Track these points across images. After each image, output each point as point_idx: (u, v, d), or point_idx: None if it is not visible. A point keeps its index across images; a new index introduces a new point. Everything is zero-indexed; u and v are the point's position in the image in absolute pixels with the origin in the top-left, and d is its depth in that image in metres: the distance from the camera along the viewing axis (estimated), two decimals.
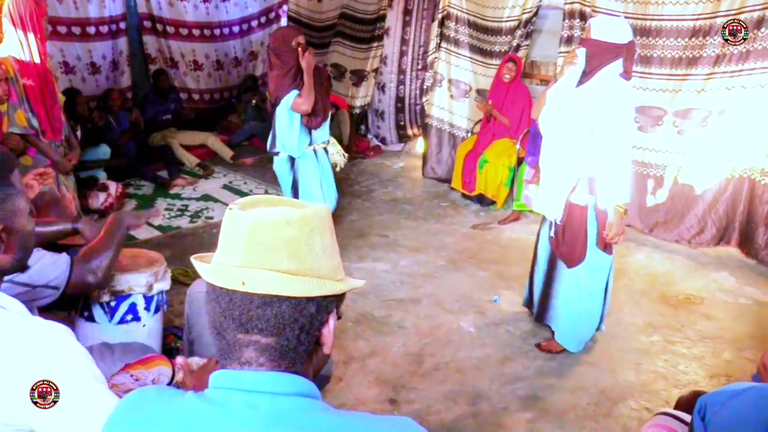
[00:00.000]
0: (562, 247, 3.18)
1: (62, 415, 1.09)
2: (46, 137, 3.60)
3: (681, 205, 4.65)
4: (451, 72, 6.13)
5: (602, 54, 2.82)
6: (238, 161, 6.75)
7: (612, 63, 2.82)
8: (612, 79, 2.83)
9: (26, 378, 1.06)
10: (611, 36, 2.82)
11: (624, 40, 2.82)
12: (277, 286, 0.88)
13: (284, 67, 3.78)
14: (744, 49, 4.14)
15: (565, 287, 3.22)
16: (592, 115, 2.85)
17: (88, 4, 6.49)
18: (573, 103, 2.91)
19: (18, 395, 1.06)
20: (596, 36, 2.85)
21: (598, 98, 2.84)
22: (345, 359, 3.20)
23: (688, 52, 4.38)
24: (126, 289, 2.26)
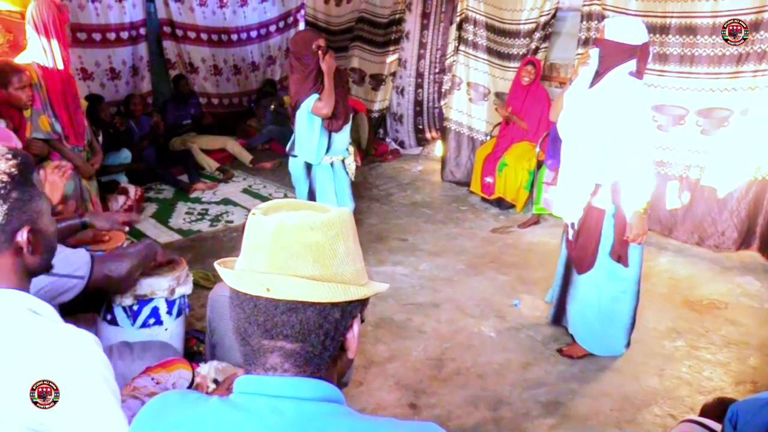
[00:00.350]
0: (574, 252, 3.16)
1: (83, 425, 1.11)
2: (69, 142, 3.65)
3: (702, 207, 4.57)
4: (470, 75, 6.11)
5: (616, 54, 2.79)
6: (257, 165, 6.79)
7: (625, 63, 2.79)
8: (623, 78, 2.80)
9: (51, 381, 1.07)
10: (625, 36, 2.79)
11: (638, 41, 2.78)
12: (303, 292, 0.87)
13: (304, 71, 3.78)
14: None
15: (583, 292, 3.19)
16: (603, 115, 2.82)
17: (109, 11, 6.57)
18: (586, 104, 2.89)
19: None
20: (610, 36, 2.82)
21: (608, 98, 2.80)
22: (365, 363, 3.19)
23: (710, 50, 4.32)
24: (148, 293, 2.27)
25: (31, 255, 1.21)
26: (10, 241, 1.17)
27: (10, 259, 1.18)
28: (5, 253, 1.17)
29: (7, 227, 1.15)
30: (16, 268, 1.19)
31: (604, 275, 3.08)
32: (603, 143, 2.86)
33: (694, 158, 4.53)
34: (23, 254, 1.19)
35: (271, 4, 8.06)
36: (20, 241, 1.17)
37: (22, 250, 1.19)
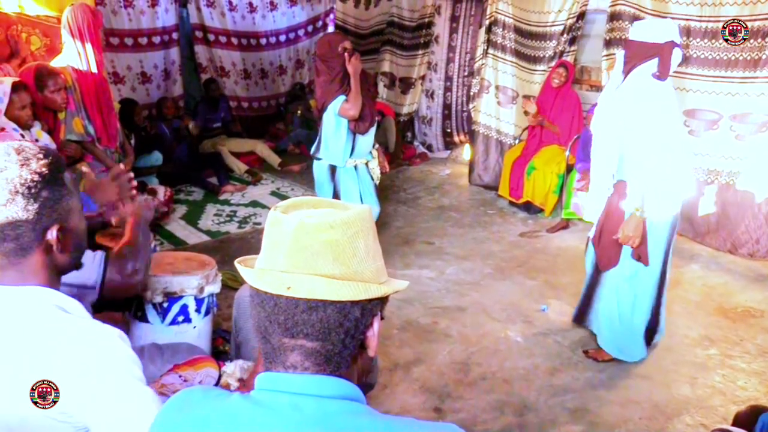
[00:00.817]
0: (598, 249, 3.15)
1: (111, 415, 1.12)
2: (102, 144, 3.72)
3: (735, 214, 4.45)
4: (499, 78, 6.07)
5: (638, 54, 2.80)
6: (285, 168, 6.84)
7: (646, 63, 2.76)
8: (643, 78, 2.78)
9: (80, 378, 1.09)
10: (647, 36, 2.79)
11: (661, 40, 2.75)
12: (323, 291, 0.87)
13: (331, 73, 3.79)
14: None
15: (606, 291, 3.17)
16: (625, 115, 2.82)
17: (142, 16, 6.69)
18: (612, 104, 2.91)
19: (74, 394, 1.09)
20: (633, 36, 2.85)
21: (628, 98, 2.81)
22: (390, 366, 3.18)
23: (746, 54, 4.22)
24: (178, 291, 2.30)
25: (61, 253, 1.23)
26: (40, 239, 1.19)
27: (40, 257, 1.20)
28: (35, 251, 1.19)
29: (38, 225, 1.17)
30: (46, 266, 1.22)
31: (626, 275, 3.06)
32: (624, 143, 2.86)
33: (727, 164, 4.43)
34: (53, 252, 1.21)
35: (300, 9, 8.12)
36: (50, 240, 1.19)
37: (52, 248, 1.21)
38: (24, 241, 1.17)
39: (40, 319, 1.14)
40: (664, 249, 3.02)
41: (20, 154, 1.17)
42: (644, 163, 2.77)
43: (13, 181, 1.13)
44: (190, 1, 7.17)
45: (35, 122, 3.22)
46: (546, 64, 5.59)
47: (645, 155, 2.76)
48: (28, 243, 1.18)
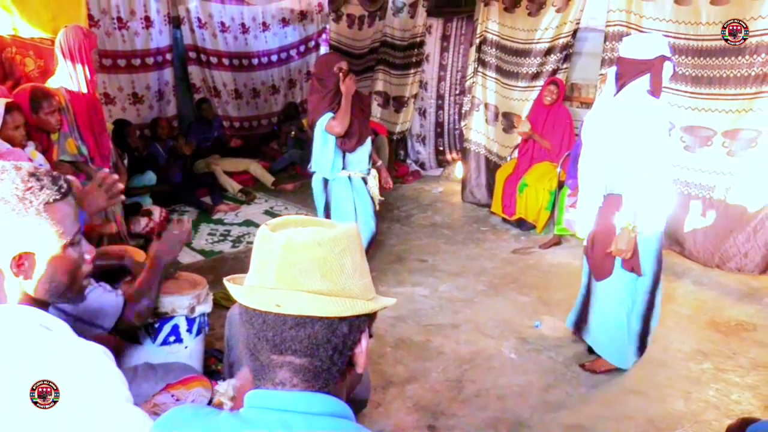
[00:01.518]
0: (591, 259, 3.18)
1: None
2: (95, 164, 3.72)
3: (727, 229, 4.49)
4: (487, 96, 6.14)
5: (628, 70, 2.84)
6: (279, 187, 6.86)
7: (637, 79, 2.81)
8: (638, 96, 2.82)
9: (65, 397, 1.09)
10: (636, 52, 2.83)
11: (651, 55, 2.80)
12: (311, 307, 0.88)
13: (324, 91, 3.85)
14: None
15: (601, 302, 3.19)
16: (617, 131, 2.85)
17: (135, 38, 6.73)
18: (602, 119, 2.95)
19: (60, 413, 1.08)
20: (623, 53, 2.90)
21: (623, 114, 2.84)
22: (383, 384, 3.17)
23: (736, 71, 4.28)
24: (169, 311, 2.30)
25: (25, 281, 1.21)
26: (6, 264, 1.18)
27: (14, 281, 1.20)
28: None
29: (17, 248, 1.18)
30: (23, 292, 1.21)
31: (622, 286, 3.09)
32: (614, 157, 2.90)
33: (719, 179, 4.47)
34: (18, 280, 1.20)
35: (293, 29, 8.18)
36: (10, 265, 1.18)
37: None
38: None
39: (24, 338, 1.14)
40: (656, 257, 3.05)
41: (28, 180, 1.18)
42: (639, 178, 2.79)
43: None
44: (184, 22, 7.23)
45: (29, 142, 3.23)
46: (530, 81, 5.66)
47: (639, 169, 2.79)
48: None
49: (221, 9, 7.49)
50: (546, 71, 5.56)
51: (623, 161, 2.85)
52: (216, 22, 7.46)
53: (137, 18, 6.70)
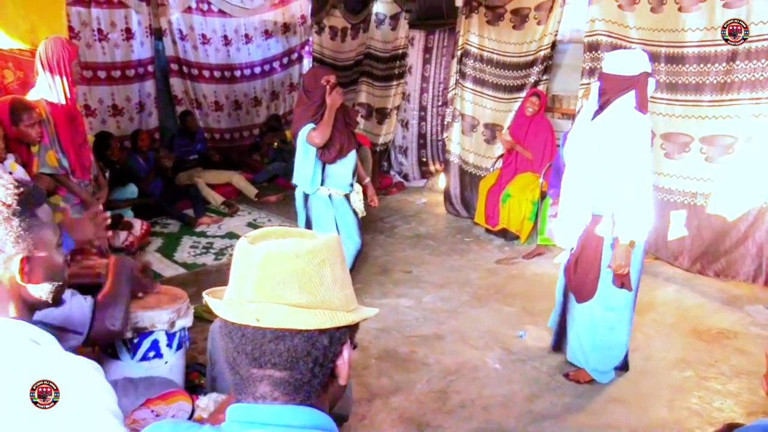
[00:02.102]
0: (573, 279, 3.16)
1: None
2: (76, 177, 3.69)
3: (709, 236, 4.55)
4: (465, 107, 6.19)
5: (613, 87, 2.85)
6: (262, 199, 6.83)
7: (623, 95, 2.82)
8: (626, 112, 2.83)
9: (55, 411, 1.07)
10: (621, 68, 2.85)
11: (635, 72, 2.82)
12: (290, 320, 0.87)
13: (309, 102, 3.85)
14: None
15: (580, 321, 3.19)
16: (605, 147, 2.85)
17: (116, 50, 6.70)
18: (588, 136, 2.95)
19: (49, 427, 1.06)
20: (607, 69, 2.91)
21: (610, 131, 2.84)
22: (368, 396, 3.15)
23: (713, 78, 4.35)
24: (148, 326, 2.26)
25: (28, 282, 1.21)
26: None
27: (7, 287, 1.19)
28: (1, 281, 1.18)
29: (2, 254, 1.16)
30: (15, 298, 1.20)
31: (599, 304, 3.09)
32: (603, 174, 2.89)
33: (699, 186, 4.53)
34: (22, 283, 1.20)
35: (276, 41, 8.20)
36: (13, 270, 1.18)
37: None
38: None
39: (13, 353, 1.12)
40: (639, 271, 3.07)
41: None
42: (630, 194, 2.79)
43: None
44: (166, 34, 7.21)
45: (9, 155, 3.19)
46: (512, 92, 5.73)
47: (630, 185, 2.79)
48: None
49: (203, 21, 7.48)
50: (528, 83, 5.62)
51: (613, 178, 2.84)
52: (198, 34, 7.46)
53: (118, 30, 6.68)
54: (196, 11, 7.39)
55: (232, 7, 7.63)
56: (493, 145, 6.00)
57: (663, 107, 4.62)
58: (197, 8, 7.39)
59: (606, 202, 2.93)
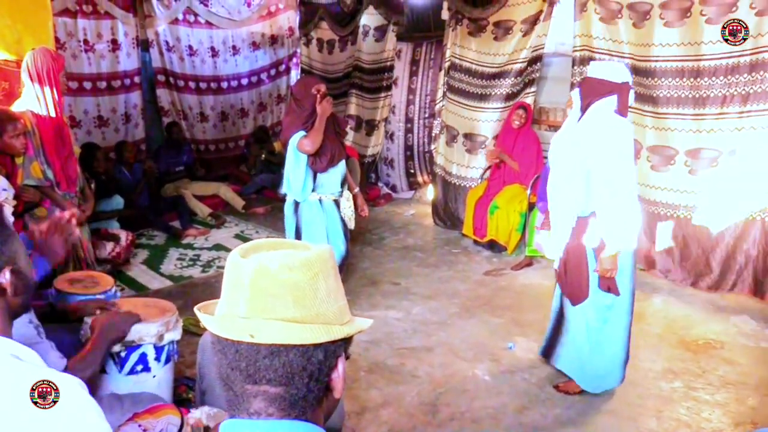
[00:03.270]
0: (565, 284, 3.18)
1: None
2: (61, 189, 3.65)
3: (694, 248, 4.59)
4: (449, 119, 6.23)
5: (595, 89, 2.88)
6: (249, 211, 6.81)
7: (604, 98, 2.85)
8: (605, 114, 2.85)
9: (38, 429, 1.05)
10: (604, 74, 2.90)
11: (618, 80, 2.87)
12: (285, 335, 0.86)
13: (299, 111, 3.86)
14: (752, 90, 4.15)
15: (574, 327, 3.19)
16: (585, 150, 2.86)
17: (102, 60, 6.68)
18: (571, 138, 2.97)
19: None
20: (592, 74, 2.96)
21: (590, 133, 2.86)
22: (357, 410, 3.13)
23: (694, 92, 4.41)
24: (136, 339, 2.23)
25: (14, 296, 1.19)
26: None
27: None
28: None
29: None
30: (1, 311, 1.18)
31: (593, 309, 3.09)
32: (586, 176, 2.90)
33: (683, 198, 4.57)
34: (6, 296, 1.18)
35: (263, 53, 8.21)
36: (3, 283, 1.16)
37: (5, 291, 1.17)
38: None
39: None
40: (631, 275, 3.07)
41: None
42: (614, 197, 2.80)
43: None
44: (153, 45, 7.19)
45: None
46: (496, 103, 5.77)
47: (614, 189, 2.80)
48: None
49: (190, 32, 7.49)
50: (512, 94, 5.66)
51: (593, 181, 2.87)
52: (184, 45, 7.46)
53: (104, 41, 6.67)
54: (183, 23, 7.40)
55: (219, 19, 7.65)
56: (474, 156, 6.02)
57: (649, 120, 4.67)
58: (184, 20, 7.40)
59: (589, 203, 2.95)
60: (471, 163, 6.05)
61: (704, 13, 4.24)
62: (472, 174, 6.04)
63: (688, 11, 4.31)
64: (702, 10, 4.25)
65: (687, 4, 4.31)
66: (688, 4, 4.30)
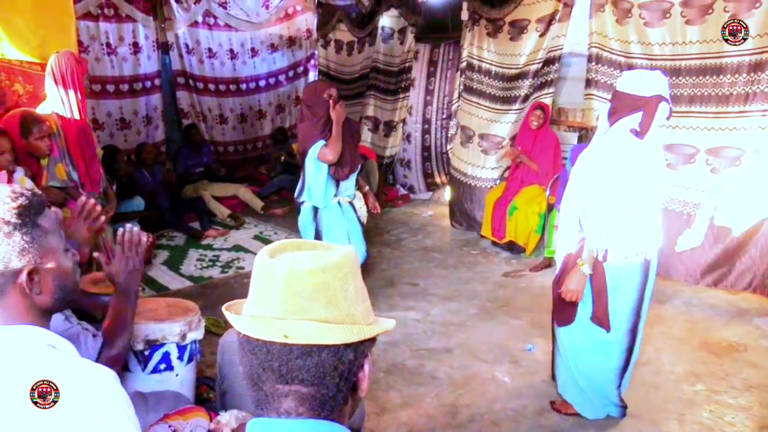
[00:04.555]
0: (555, 301, 3.02)
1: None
2: (85, 190, 3.71)
3: (716, 248, 4.53)
4: (463, 119, 6.21)
5: (623, 105, 2.68)
6: (268, 212, 6.84)
7: (629, 116, 2.65)
8: (621, 134, 2.67)
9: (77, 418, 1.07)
10: (633, 87, 2.67)
11: (647, 93, 2.62)
12: (319, 336, 0.87)
13: (314, 118, 3.84)
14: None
15: (563, 348, 3.03)
16: (596, 167, 2.71)
17: (124, 63, 6.76)
18: (589, 158, 2.79)
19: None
20: (620, 88, 2.73)
21: (602, 152, 2.71)
22: (377, 411, 3.13)
23: (718, 89, 4.36)
24: (160, 338, 2.26)
25: (38, 295, 1.21)
26: (13, 282, 1.18)
27: (17, 299, 1.19)
28: (11, 294, 1.19)
29: (7, 270, 1.17)
30: (27, 307, 1.20)
31: (584, 338, 2.91)
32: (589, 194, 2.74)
33: (705, 197, 4.52)
34: (29, 294, 1.20)
35: (281, 55, 8.25)
36: (21, 283, 1.18)
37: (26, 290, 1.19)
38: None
39: (34, 358, 1.12)
40: (633, 308, 2.86)
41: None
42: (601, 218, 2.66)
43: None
44: (173, 48, 7.26)
45: (18, 167, 3.21)
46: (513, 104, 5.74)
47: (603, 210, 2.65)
48: (1, 286, 1.17)
49: (209, 35, 7.55)
50: (529, 95, 5.63)
51: (590, 201, 2.70)
52: (203, 48, 7.52)
53: (126, 44, 6.74)
54: (203, 25, 7.46)
55: (238, 22, 7.70)
56: (490, 156, 5.99)
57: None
58: (203, 22, 7.46)
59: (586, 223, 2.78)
60: (486, 164, 6.02)
61: (727, 9, 4.19)
62: (487, 175, 6.01)
63: (710, 8, 4.27)
64: (725, 7, 4.20)
65: (709, 1, 4.26)
66: (710, 0, 4.26)
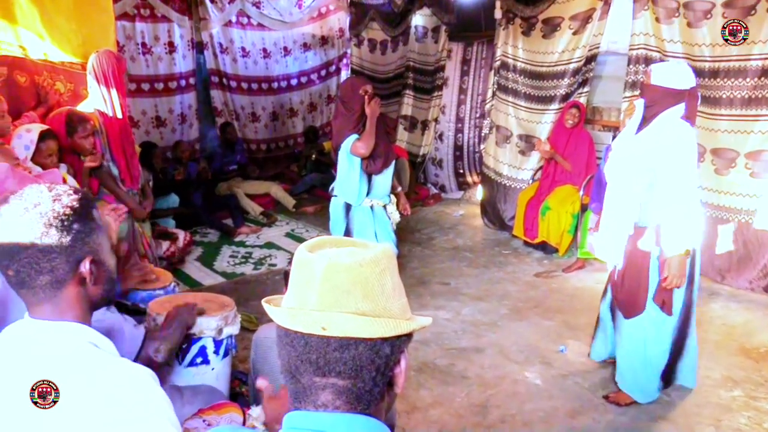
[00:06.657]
0: (620, 295, 3.09)
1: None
2: (125, 186, 3.79)
3: (755, 252, 4.43)
4: (499, 119, 6.16)
5: (663, 99, 2.77)
6: (300, 210, 6.90)
7: (673, 107, 2.76)
8: (673, 122, 2.77)
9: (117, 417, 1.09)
10: (671, 81, 2.77)
11: (686, 86, 2.76)
12: (356, 329, 0.88)
13: (348, 113, 3.88)
14: None
15: (628, 338, 3.10)
16: (653, 159, 2.79)
17: (159, 63, 6.89)
18: (633, 149, 2.88)
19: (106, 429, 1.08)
20: (656, 82, 2.80)
21: (658, 142, 2.78)
22: (407, 409, 3.14)
23: (757, 92, 4.26)
24: (197, 332, 2.30)
25: (94, 285, 1.25)
26: (74, 271, 1.21)
27: (74, 289, 1.22)
28: (70, 284, 1.21)
29: (71, 257, 1.20)
30: (81, 299, 1.24)
31: (650, 323, 3.01)
32: (650, 186, 2.83)
33: (745, 201, 4.42)
34: (87, 285, 1.23)
35: (314, 54, 8.31)
36: (84, 272, 1.22)
37: (86, 280, 1.23)
38: (59, 273, 1.19)
39: (77, 356, 1.15)
40: (685, 290, 2.97)
41: (52, 190, 1.20)
42: (681, 206, 2.74)
43: (47, 215, 1.16)
44: (207, 47, 7.37)
45: (61, 165, 3.29)
46: (549, 103, 5.67)
47: (677, 197, 2.74)
48: (62, 275, 1.20)
49: (242, 34, 7.64)
50: (566, 94, 5.56)
51: (660, 190, 2.79)
52: (237, 47, 7.61)
53: (161, 43, 6.86)
54: (236, 25, 7.56)
55: (271, 21, 7.78)
56: (527, 157, 5.94)
57: (707, 122, 4.52)
58: (237, 22, 7.55)
59: (651, 214, 2.87)
60: (523, 164, 5.96)
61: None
62: (523, 176, 5.96)
63: (753, 8, 4.17)
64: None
65: (751, 2, 4.16)
66: (753, 1, 4.16)
